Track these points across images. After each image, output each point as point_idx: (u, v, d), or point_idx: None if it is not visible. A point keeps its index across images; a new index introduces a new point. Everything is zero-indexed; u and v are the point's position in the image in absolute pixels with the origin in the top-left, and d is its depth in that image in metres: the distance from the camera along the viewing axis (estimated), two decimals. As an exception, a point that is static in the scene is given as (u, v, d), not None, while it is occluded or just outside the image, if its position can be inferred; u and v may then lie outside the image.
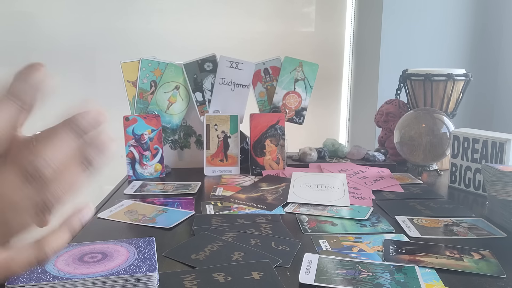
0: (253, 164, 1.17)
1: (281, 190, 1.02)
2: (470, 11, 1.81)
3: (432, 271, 0.64)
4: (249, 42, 1.88)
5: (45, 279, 0.53)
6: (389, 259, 0.67)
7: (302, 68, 1.23)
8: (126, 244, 0.65)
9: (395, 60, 1.75)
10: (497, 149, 0.99)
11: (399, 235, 0.78)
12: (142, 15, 1.84)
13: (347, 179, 1.07)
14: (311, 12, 1.96)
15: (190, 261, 0.66)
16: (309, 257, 0.67)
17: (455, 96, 1.26)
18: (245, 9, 1.90)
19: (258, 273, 0.62)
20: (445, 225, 0.83)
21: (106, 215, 0.86)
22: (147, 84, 1.18)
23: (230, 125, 1.18)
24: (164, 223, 0.82)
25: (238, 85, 1.21)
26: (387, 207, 0.93)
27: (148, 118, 1.14)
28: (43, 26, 1.79)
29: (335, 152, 1.29)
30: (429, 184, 1.12)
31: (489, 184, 0.85)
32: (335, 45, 1.98)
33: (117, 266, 0.57)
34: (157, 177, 1.15)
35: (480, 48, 1.84)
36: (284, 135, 1.19)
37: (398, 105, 1.34)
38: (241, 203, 0.94)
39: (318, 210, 0.90)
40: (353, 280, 0.60)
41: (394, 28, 1.75)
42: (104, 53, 1.83)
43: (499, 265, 0.66)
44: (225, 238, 0.74)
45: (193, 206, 0.92)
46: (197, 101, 1.21)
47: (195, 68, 1.20)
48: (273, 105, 1.25)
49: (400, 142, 1.19)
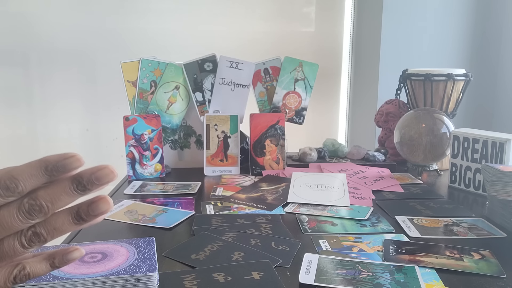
0: (253, 164, 1.17)
1: (281, 190, 1.02)
2: (470, 11, 1.81)
3: (432, 271, 0.64)
4: (249, 42, 1.89)
5: (45, 279, 0.53)
6: (389, 259, 0.67)
7: (302, 68, 1.23)
8: (126, 244, 0.65)
9: (395, 60, 1.75)
10: (497, 149, 0.99)
11: (399, 235, 0.78)
12: (142, 15, 1.84)
13: (347, 179, 1.07)
14: (311, 12, 1.96)
15: (190, 261, 0.66)
16: (309, 257, 0.67)
17: (455, 96, 1.26)
18: (245, 9, 1.90)
19: (258, 273, 0.62)
20: (445, 225, 0.83)
21: (106, 215, 0.86)
22: (147, 84, 1.18)
23: (230, 125, 1.18)
24: (164, 223, 0.82)
25: (238, 85, 1.21)
26: (387, 207, 0.93)
27: (148, 118, 1.14)
28: (43, 26, 1.79)
29: (335, 152, 1.29)
30: (429, 184, 1.12)
31: (489, 184, 0.85)
32: (335, 45, 1.98)
33: (117, 266, 0.57)
34: (157, 177, 1.15)
35: (480, 48, 1.84)
36: (284, 135, 1.19)
37: (398, 105, 1.34)
38: (241, 203, 0.94)
39: (318, 210, 0.90)
40: (353, 280, 0.60)
41: (394, 28, 1.75)
42: (104, 53, 1.83)
43: (499, 265, 0.66)
44: (225, 238, 0.74)
45: (193, 206, 0.92)
46: (197, 101, 1.21)
47: (195, 68, 1.20)
48: (273, 105, 1.25)
49: (400, 142, 1.19)
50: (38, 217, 0.34)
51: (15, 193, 0.33)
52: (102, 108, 1.87)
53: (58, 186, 0.34)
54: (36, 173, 0.33)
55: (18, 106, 1.83)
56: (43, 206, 0.34)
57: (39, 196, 0.34)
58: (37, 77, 1.82)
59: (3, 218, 0.33)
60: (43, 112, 1.85)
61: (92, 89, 1.87)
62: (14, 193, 0.33)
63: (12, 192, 0.33)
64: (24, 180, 0.33)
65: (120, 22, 1.83)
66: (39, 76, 1.82)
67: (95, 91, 1.87)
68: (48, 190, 0.34)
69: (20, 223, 0.34)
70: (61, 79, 1.83)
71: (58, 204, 0.34)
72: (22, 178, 0.33)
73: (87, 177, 0.34)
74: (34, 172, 0.33)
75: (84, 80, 1.86)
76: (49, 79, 1.83)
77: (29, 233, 0.34)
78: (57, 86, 1.84)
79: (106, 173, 0.34)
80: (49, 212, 0.34)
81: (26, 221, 0.34)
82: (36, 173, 0.33)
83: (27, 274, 0.36)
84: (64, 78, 1.83)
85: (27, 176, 0.33)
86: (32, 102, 1.83)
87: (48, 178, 0.34)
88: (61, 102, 1.85)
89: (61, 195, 0.34)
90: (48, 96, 1.84)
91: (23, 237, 0.34)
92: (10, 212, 0.33)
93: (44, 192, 0.34)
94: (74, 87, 1.86)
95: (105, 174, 0.34)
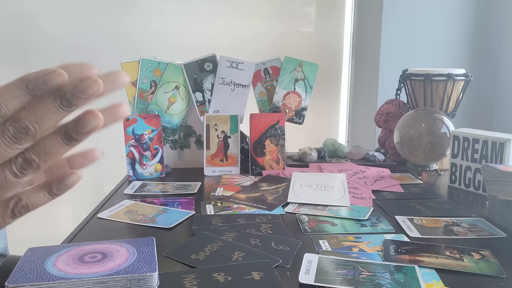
0: (253, 164, 1.17)
1: (281, 190, 1.02)
2: (470, 11, 1.81)
3: (432, 271, 0.64)
4: (249, 42, 1.88)
5: (45, 279, 0.53)
6: (389, 259, 0.67)
7: (302, 68, 1.23)
8: (126, 244, 0.65)
9: (395, 60, 1.75)
10: (497, 149, 0.99)
11: (399, 235, 0.78)
12: (142, 15, 1.84)
13: (347, 179, 1.07)
14: (311, 12, 1.96)
15: (190, 261, 0.66)
16: (309, 257, 0.67)
17: (455, 96, 1.26)
18: (245, 9, 1.90)
19: (258, 273, 0.62)
20: (445, 225, 0.83)
21: (106, 215, 0.86)
22: (147, 84, 1.18)
23: (230, 125, 1.18)
24: (164, 223, 0.82)
25: (238, 85, 1.21)
26: (387, 207, 0.93)
27: (148, 118, 1.14)
28: (43, 26, 1.79)
29: (335, 152, 1.29)
30: (429, 184, 1.12)
31: (489, 184, 0.85)
32: (335, 45, 1.98)
33: (117, 266, 0.57)
34: (157, 177, 1.15)
35: (480, 48, 1.84)
36: (284, 135, 1.19)
37: (398, 105, 1.34)
38: (241, 203, 0.94)
39: (318, 210, 0.90)
40: (353, 280, 0.60)
41: (394, 28, 1.75)
42: (104, 53, 1.83)
43: (499, 265, 0.66)
44: (225, 238, 0.74)
45: (193, 206, 0.92)
46: (197, 101, 1.21)
47: (195, 68, 1.20)
48: (273, 105, 1.25)
49: (400, 142, 1.19)
50: (26, 140, 0.31)
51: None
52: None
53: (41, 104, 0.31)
54: (17, 93, 0.31)
55: (18, 106, 1.83)
56: (29, 128, 0.31)
57: (23, 117, 0.31)
58: (37, 77, 1.82)
59: None
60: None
61: (92, 89, 1.87)
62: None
63: None
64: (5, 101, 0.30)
65: (120, 22, 1.83)
66: (39, 76, 1.82)
67: (95, 91, 1.87)
68: (31, 110, 0.31)
69: (8, 149, 0.31)
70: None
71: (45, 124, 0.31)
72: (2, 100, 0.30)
73: (70, 90, 0.31)
74: (15, 92, 0.31)
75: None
76: (49, 79, 1.82)
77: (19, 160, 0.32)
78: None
79: (89, 83, 0.31)
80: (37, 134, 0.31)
81: (14, 145, 0.31)
82: (17, 93, 0.31)
83: (25, 205, 0.34)
84: (64, 78, 1.83)
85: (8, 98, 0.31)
86: (32, 102, 1.83)
87: (30, 98, 0.31)
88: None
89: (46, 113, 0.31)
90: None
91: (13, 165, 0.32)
92: None
93: (27, 112, 0.31)
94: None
95: (89, 84, 0.31)
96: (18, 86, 0.31)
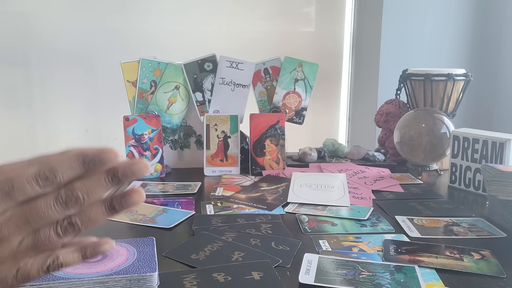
0: (253, 164, 1.17)
1: (281, 190, 1.02)
2: (470, 11, 1.81)
3: (432, 271, 0.64)
4: (249, 42, 1.88)
5: (45, 279, 0.53)
6: (389, 259, 0.67)
7: (302, 68, 1.23)
8: (126, 244, 0.65)
9: (395, 60, 1.75)
10: (497, 149, 0.99)
11: (399, 235, 0.78)
12: (142, 15, 1.84)
13: (347, 179, 1.07)
14: (311, 12, 1.96)
15: (190, 261, 0.66)
16: (309, 257, 0.67)
17: (455, 96, 1.26)
18: (245, 9, 1.90)
19: (258, 273, 0.62)
20: (445, 225, 0.83)
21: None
22: (147, 84, 1.18)
23: (230, 125, 1.18)
24: (164, 223, 0.82)
25: (238, 85, 1.21)
26: (387, 207, 0.93)
27: (148, 118, 1.14)
28: (43, 26, 1.79)
29: (335, 152, 1.29)
30: (429, 184, 1.12)
31: (489, 184, 0.85)
32: (335, 45, 1.98)
33: (117, 266, 0.57)
34: (157, 177, 1.15)
35: (480, 48, 1.84)
36: (284, 135, 1.19)
37: (398, 105, 1.34)
38: (241, 203, 0.94)
39: (318, 210, 0.90)
40: (353, 280, 0.60)
41: (394, 28, 1.75)
42: (104, 53, 1.83)
43: (499, 265, 0.66)
44: (225, 238, 0.74)
45: (193, 206, 0.92)
46: (197, 101, 1.21)
47: (195, 68, 1.20)
48: (273, 105, 1.25)
49: (400, 142, 1.19)
50: (74, 208, 0.35)
51: (53, 184, 0.34)
52: (102, 108, 1.87)
53: (94, 178, 0.35)
54: (73, 165, 0.34)
55: (18, 106, 1.83)
56: (79, 198, 0.34)
57: (76, 187, 0.34)
58: (37, 77, 1.82)
59: (40, 208, 0.34)
60: (43, 112, 1.85)
61: (92, 89, 1.87)
62: (53, 184, 0.34)
63: (51, 183, 0.34)
64: (62, 172, 0.34)
65: (120, 22, 1.83)
66: (39, 76, 1.82)
67: (95, 91, 1.87)
68: (85, 182, 0.35)
69: (57, 213, 0.34)
70: (61, 79, 1.83)
71: (93, 196, 0.35)
72: (61, 169, 0.34)
73: (123, 170, 0.35)
74: (72, 164, 0.34)
75: (84, 80, 1.86)
76: (49, 79, 1.82)
77: (65, 223, 0.35)
78: (57, 86, 1.83)
79: (140, 168, 0.35)
80: (85, 203, 0.35)
81: (63, 211, 0.34)
82: (74, 165, 0.34)
83: (60, 263, 0.37)
84: (64, 78, 1.83)
85: (66, 169, 0.34)
86: (32, 102, 1.83)
87: (83, 170, 0.35)
88: (61, 102, 1.85)
89: (97, 187, 0.35)
90: (48, 96, 1.84)
91: (58, 227, 0.35)
92: (47, 203, 0.34)
93: (81, 184, 0.35)
94: (74, 87, 1.85)
95: (140, 168, 0.35)
96: (75, 159, 0.35)
